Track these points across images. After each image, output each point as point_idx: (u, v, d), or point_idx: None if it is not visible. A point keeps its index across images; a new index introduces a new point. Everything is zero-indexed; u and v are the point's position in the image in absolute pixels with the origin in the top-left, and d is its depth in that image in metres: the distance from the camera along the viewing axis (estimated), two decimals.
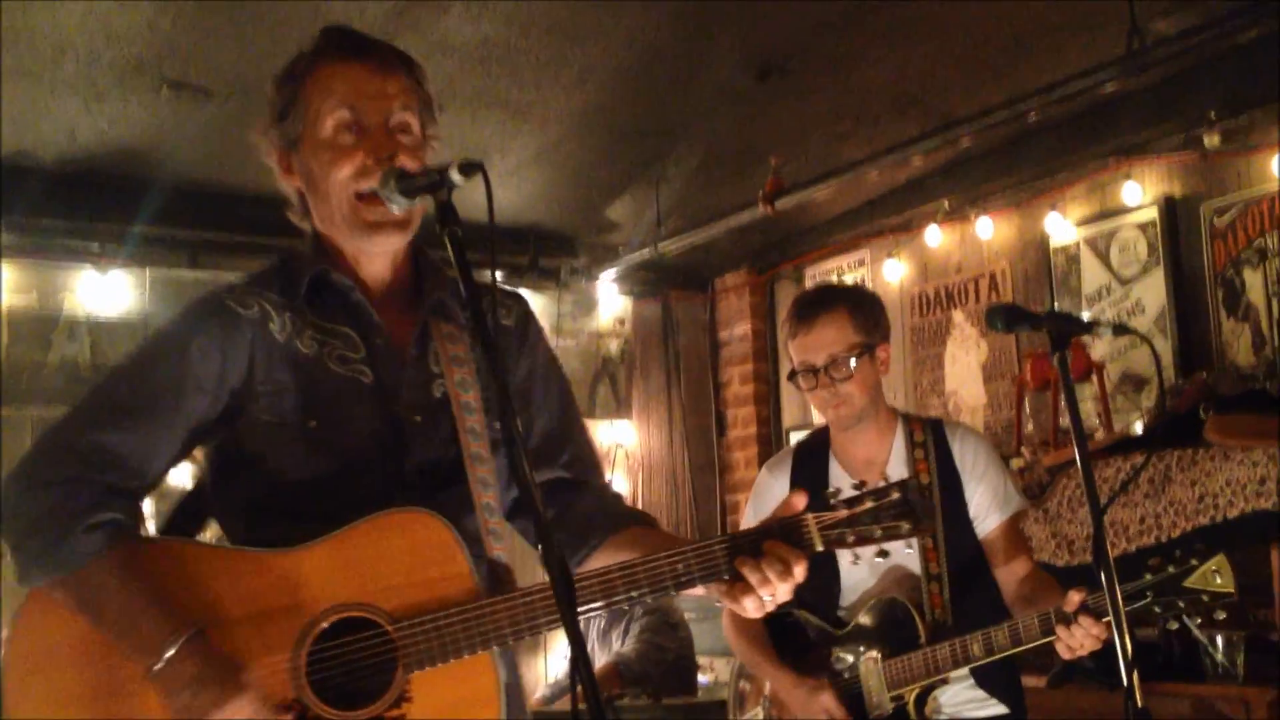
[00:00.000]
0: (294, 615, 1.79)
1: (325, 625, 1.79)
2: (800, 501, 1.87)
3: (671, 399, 7.27)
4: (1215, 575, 2.53)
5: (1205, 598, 2.54)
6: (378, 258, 2.01)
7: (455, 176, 1.70)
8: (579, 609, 1.74)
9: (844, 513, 1.88)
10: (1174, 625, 2.63)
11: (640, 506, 6.99)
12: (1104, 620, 2.64)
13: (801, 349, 3.16)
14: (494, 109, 4.79)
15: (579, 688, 1.54)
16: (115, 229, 5.47)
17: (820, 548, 1.86)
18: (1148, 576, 2.61)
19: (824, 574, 3.19)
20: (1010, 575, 3.07)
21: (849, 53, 4.44)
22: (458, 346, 2.02)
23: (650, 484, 7.11)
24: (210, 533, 2.17)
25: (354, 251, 2.00)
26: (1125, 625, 2.22)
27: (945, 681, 2.99)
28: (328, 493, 1.88)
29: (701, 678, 5.86)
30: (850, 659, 3.08)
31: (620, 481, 6.98)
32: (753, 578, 1.81)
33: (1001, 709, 3.04)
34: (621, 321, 7.15)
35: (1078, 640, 2.70)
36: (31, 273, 5.55)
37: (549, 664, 6.57)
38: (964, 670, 2.97)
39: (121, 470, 1.85)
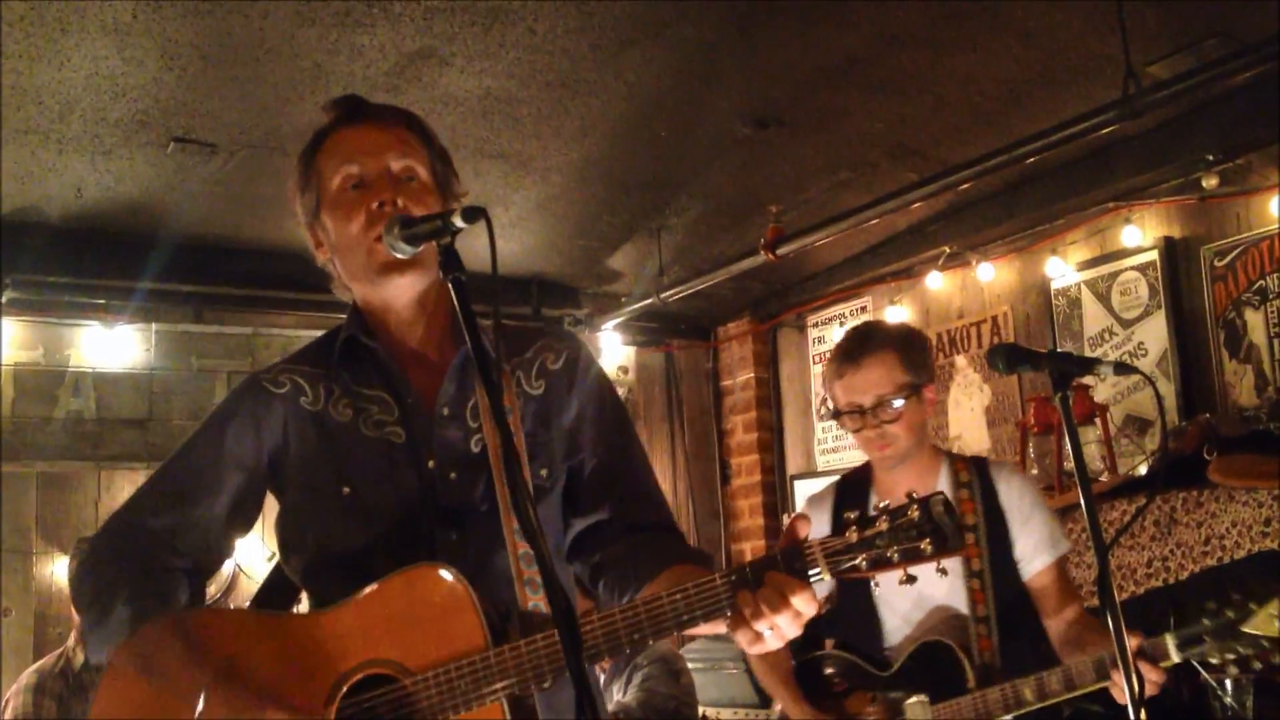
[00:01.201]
0: (323, 674, 1.85)
1: (352, 682, 1.85)
2: (803, 528, 1.76)
3: (675, 447, 7.27)
4: (1276, 619, 2.39)
5: (1265, 643, 2.39)
6: (404, 310, 2.04)
7: (458, 221, 1.72)
8: (583, 651, 1.67)
9: (854, 536, 1.72)
10: (1234, 673, 2.45)
11: None
12: (1161, 665, 2.59)
13: (848, 389, 3.13)
14: (496, 161, 4.83)
15: None
16: (121, 284, 5.50)
17: (828, 576, 1.73)
18: (1205, 622, 2.51)
19: (863, 612, 3.18)
20: (1059, 619, 3.03)
21: (847, 103, 4.48)
22: (503, 395, 2.01)
23: None
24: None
25: (383, 307, 2.05)
26: (1133, 666, 2.22)
27: None
28: (368, 554, 1.94)
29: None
30: (895, 701, 3.01)
31: None
32: (747, 610, 1.74)
33: None
34: (625, 370, 7.16)
35: (1117, 680, 2.61)
36: (37, 328, 5.58)
37: None
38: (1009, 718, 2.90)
39: (169, 550, 2.01)
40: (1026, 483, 3.15)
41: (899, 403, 3.06)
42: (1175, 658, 2.56)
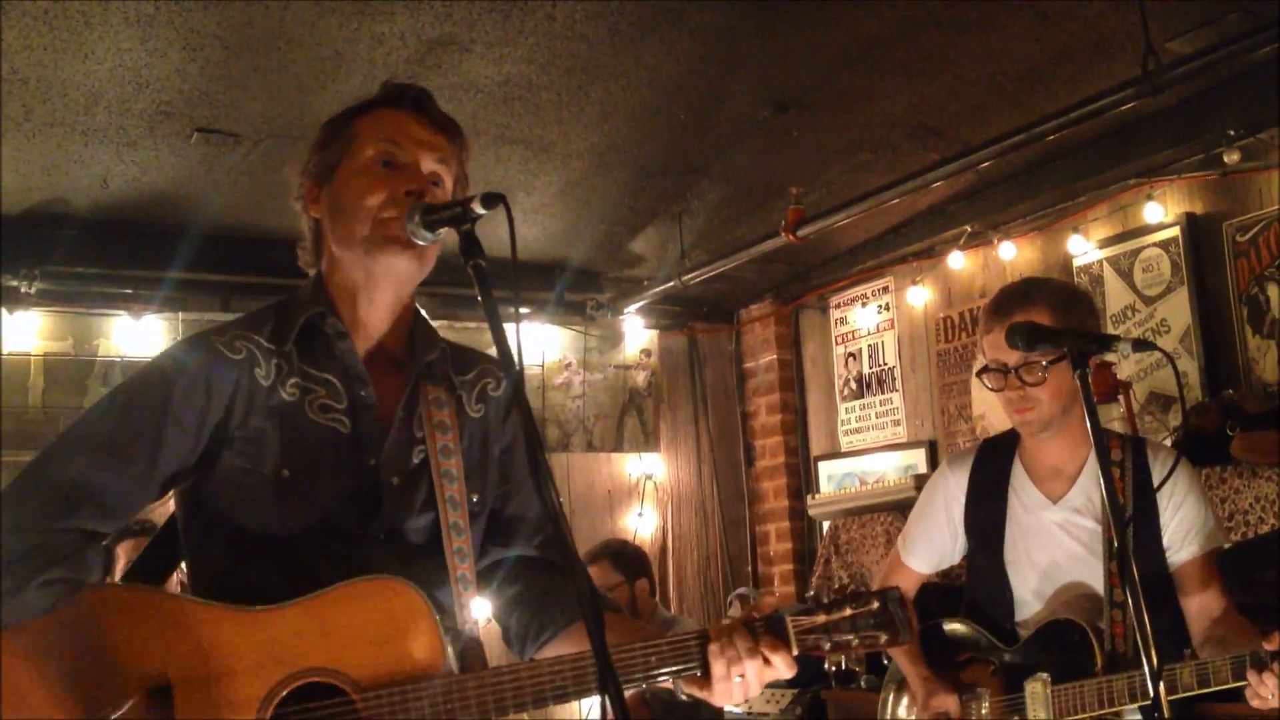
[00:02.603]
0: (262, 675, 1.77)
1: (291, 689, 1.77)
2: (768, 603, 1.88)
3: (699, 430, 7.29)
4: None
5: None
6: (380, 297, 2.01)
7: (478, 208, 1.74)
8: (547, 696, 1.78)
9: (820, 618, 1.88)
10: None
11: (670, 539, 7.02)
12: None
13: (993, 346, 2.92)
14: (517, 147, 4.85)
15: None
16: (148, 275, 5.56)
17: (795, 651, 1.87)
18: None
19: (994, 582, 3.09)
20: (1202, 613, 2.87)
21: (867, 85, 4.48)
22: (444, 413, 2.01)
23: (680, 516, 7.12)
24: (177, 578, 2.19)
25: (358, 290, 2.01)
26: (1151, 641, 2.22)
27: (1118, 715, 2.78)
28: (298, 544, 1.89)
29: (735, 709, 5.84)
30: (1016, 677, 2.92)
31: (649, 513, 7.00)
32: (723, 658, 1.84)
33: None
34: (648, 354, 7.19)
35: (1270, 689, 2.51)
36: (66, 320, 5.64)
37: (582, 701, 6.56)
38: (1134, 710, 2.78)
39: (95, 509, 1.85)
40: (1185, 467, 2.94)
41: (1046, 364, 2.83)
42: None
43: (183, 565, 2.08)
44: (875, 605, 1.88)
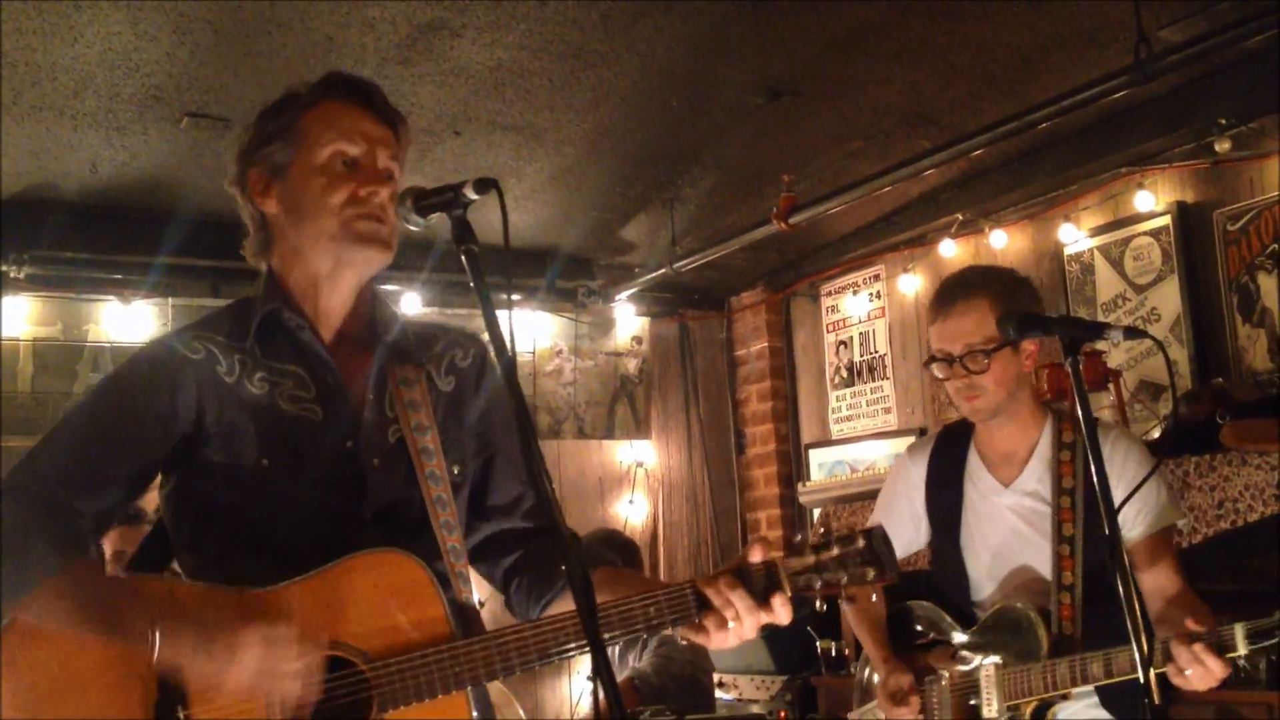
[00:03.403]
0: None
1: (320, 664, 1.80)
2: (758, 553, 1.89)
3: (690, 418, 7.29)
4: None
5: None
6: (340, 293, 2.05)
7: (470, 193, 1.75)
8: (551, 652, 1.83)
9: (810, 559, 1.91)
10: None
11: (661, 526, 7.03)
12: (1227, 656, 2.50)
13: (938, 336, 2.98)
14: (508, 133, 4.84)
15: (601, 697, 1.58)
16: (138, 260, 5.55)
17: (789, 594, 1.88)
18: (1277, 615, 2.46)
19: (952, 566, 3.14)
20: (1156, 592, 2.87)
21: (858, 72, 4.48)
22: (414, 390, 2.04)
23: (670, 503, 7.13)
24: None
25: (320, 281, 2.04)
26: (1141, 626, 2.23)
27: (1067, 698, 2.84)
28: (287, 531, 1.92)
29: (725, 695, 5.86)
30: (974, 660, 2.99)
31: (640, 501, 7.01)
32: (717, 601, 1.85)
33: None
34: (639, 341, 7.18)
35: (1183, 664, 2.55)
36: (55, 304, 5.63)
37: (572, 685, 6.58)
38: (1089, 691, 2.83)
39: (81, 499, 1.90)
40: (1134, 447, 2.98)
41: (990, 353, 2.88)
42: (1243, 649, 2.49)
43: (175, 565, 2.10)
44: (862, 543, 1.91)
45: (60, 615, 1.80)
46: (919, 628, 3.20)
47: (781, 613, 1.87)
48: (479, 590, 2.14)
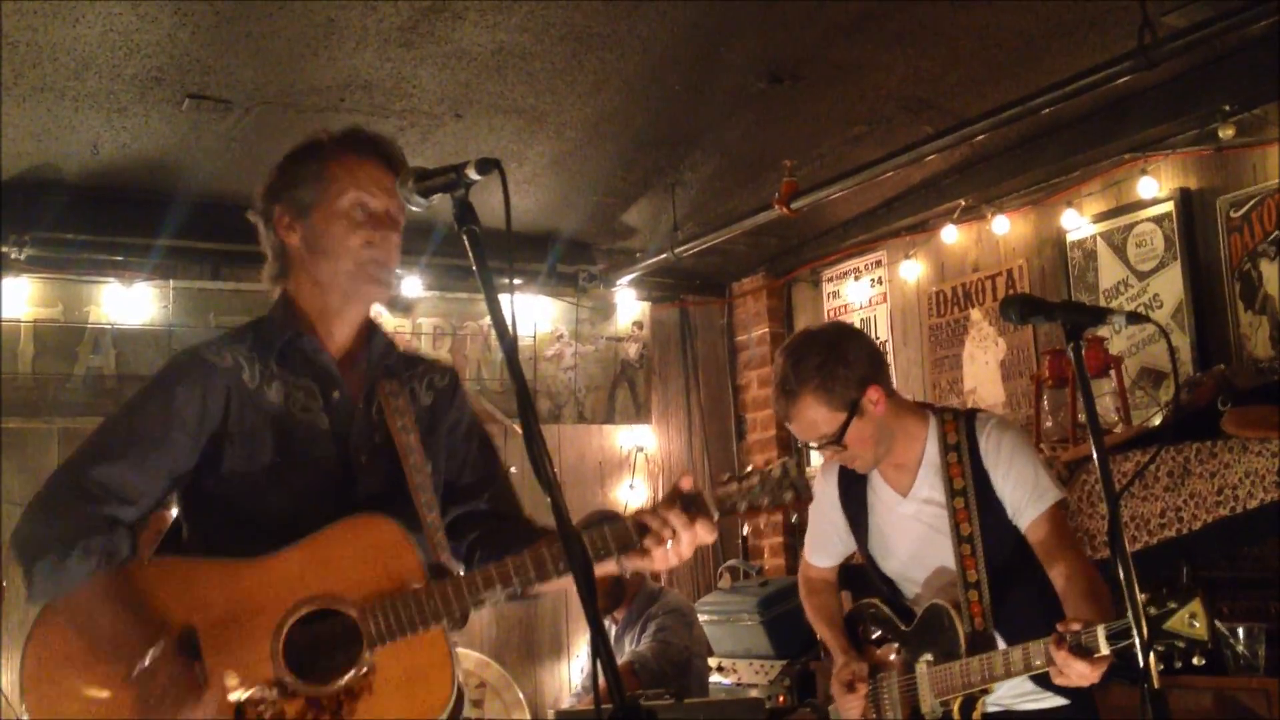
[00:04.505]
0: (272, 610, 2.14)
1: (299, 615, 2.14)
2: (687, 482, 2.18)
3: (690, 403, 7.30)
4: (1192, 620, 2.44)
5: (1180, 643, 2.45)
6: (349, 318, 2.38)
7: (472, 174, 1.77)
8: (509, 583, 2.14)
9: (734, 487, 2.19)
10: (1160, 668, 2.52)
11: None
12: (1094, 657, 2.57)
13: (796, 432, 3.15)
14: (510, 116, 4.83)
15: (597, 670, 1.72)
16: (138, 241, 5.55)
17: (716, 514, 2.16)
18: (1129, 616, 2.48)
19: (876, 574, 3.29)
20: (1056, 574, 2.92)
21: (861, 57, 4.47)
22: (399, 400, 2.38)
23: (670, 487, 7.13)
24: None
25: (332, 311, 2.36)
26: (1141, 612, 2.24)
27: (989, 691, 2.94)
28: (294, 518, 2.21)
29: (723, 679, 5.87)
30: (912, 657, 3.11)
31: (640, 486, 7.01)
32: (654, 523, 2.14)
33: (1059, 701, 2.96)
34: (639, 326, 7.18)
35: (1057, 665, 2.62)
36: (56, 286, 5.63)
37: (571, 668, 6.60)
38: (1017, 682, 2.92)
39: (117, 501, 2.18)
40: (1005, 433, 3.07)
41: (841, 437, 3.04)
42: (1105, 649, 2.56)
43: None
44: (778, 472, 2.18)
45: (74, 621, 2.14)
46: (873, 626, 3.31)
47: (705, 534, 2.15)
48: None
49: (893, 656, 3.19)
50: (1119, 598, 2.33)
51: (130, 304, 5.70)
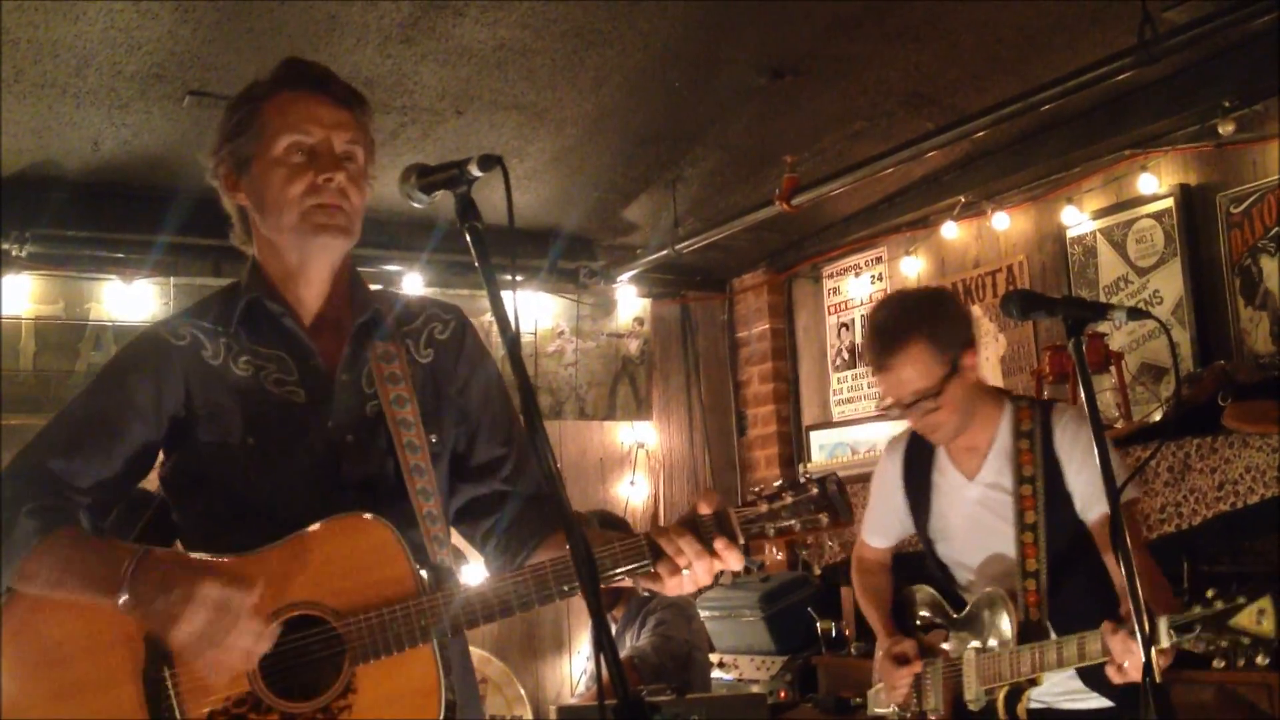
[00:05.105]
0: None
1: (278, 623, 1.91)
2: (707, 504, 1.95)
3: (691, 399, 7.30)
4: (1260, 617, 2.40)
5: (1245, 639, 2.42)
6: (315, 274, 2.13)
7: (475, 170, 1.76)
8: (508, 608, 1.92)
9: (763, 508, 1.96)
10: (1219, 664, 2.46)
11: (661, 507, 7.04)
12: (1157, 650, 2.48)
13: (884, 388, 3.06)
14: (510, 112, 4.83)
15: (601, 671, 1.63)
16: (139, 238, 5.54)
17: (742, 541, 1.94)
18: (1196, 609, 2.50)
19: (932, 558, 3.27)
20: (1117, 570, 2.84)
21: (861, 52, 4.47)
22: (393, 365, 2.13)
23: (671, 484, 7.14)
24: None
25: (294, 269, 2.13)
26: (1143, 606, 2.25)
27: (1036, 683, 2.93)
28: (271, 507, 2.01)
29: (725, 674, 5.88)
30: (960, 643, 3.09)
31: (641, 481, 7.02)
32: (668, 548, 1.92)
33: (1103, 702, 2.94)
34: (640, 322, 7.18)
35: (1113, 652, 2.60)
36: (57, 282, 5.63)
37: (573, 664, 6.60)
38: (1060, 672, 2.90)
39: (74, 492, 2.01)
40: (1084, 426, 2.97)
41: (938, 394, 2.98)
42: (1165, 642, 2.53)
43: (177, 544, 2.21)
44: (815, 491, 1.96)
45: (46, 579, 1.92)
46: (922, 612, 3.29)
47: (730, 558, 1.92)
48: None
49: (942, 644, 3.17)
50: (1127, 595, 2.32)
51: (131, 301, 5.69)
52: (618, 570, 1.95)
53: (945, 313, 3.07)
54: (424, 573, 1.97)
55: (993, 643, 2.99)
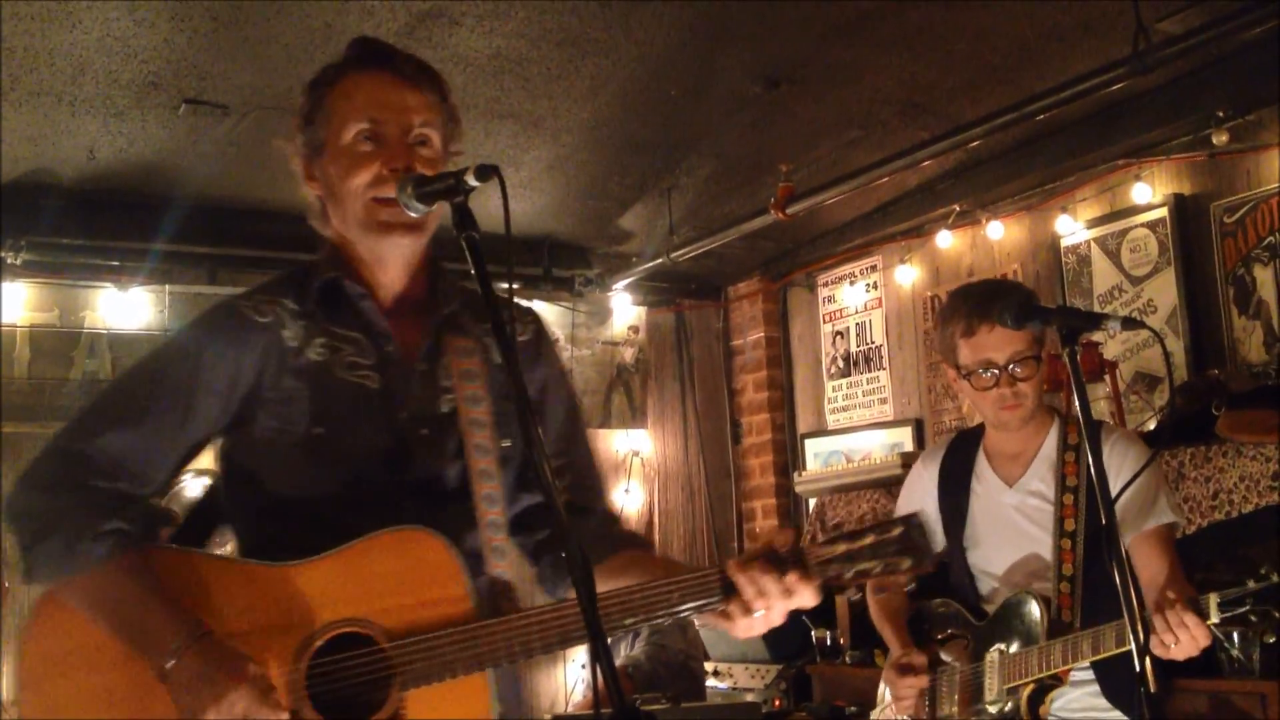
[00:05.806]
0: (294, 629, 1.82)
1: (324, 640, 1.82)
2: (784, 538, 1.86)
3: (686, 407, 7.30)
4: None
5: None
6: (392, 266, 2.02)
7: (471, 180, 1.74)
8: (573, 636, 1.80)
9: (842, 548, 1.87)
10: (1270, 638, 2.48)
11: (656, 515, 7.03)
12: (1207, 622, 2.56)
13: (979, 347, 3.01)
14: (506, 121, 4.84)
15: (599, 682, 1.57)
16: (135, 246, 5.53)
17: (819, 578, 1.85)
18: (1250, 583, 2.49)
19: (962, 566, 3.24)
20: (1150, 585, 2.91)
21: (857, 60, 4.48)
22: (471, 360, 2.02)
23: (666, 492, 7.14)
24: (217, 540, 2.21)
25: (370, 258, 2.02)
26: (1137, 612, 2.25)
27: (1060, 682, 2.94)
28: (333, 500, 1.91)
29: (720, 683, 5.88)
30: (983, 652, 3.08)
31: (636, 489, 7.01)
32: (749, 589, 1.82)
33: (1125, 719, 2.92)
34: (635, 330, 7.18)
35: (1162, 631, 2.61)
36: (52, 290, 5.62)
37: (568, 673, 6.59)
38: (1089, 675, 2.92)
39: (129, 475, 1.89)
40: (1133, 447, 3.04)
41: (1038, 357, 3.00)
42: (1215, 616, 2.55)
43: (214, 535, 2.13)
44: (897, 531, 1.87)
45: (92, 608, 1.83)
46: (941, 624, 3.28)
47: (807, 599, 1.83)
48: None
49: (960, 653, 3.17)
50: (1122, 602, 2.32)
51: (127, 308, 5.68)
52: (684, 607, 1.84)
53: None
54: (479, 584, 1.87)
55: (1017, 646, 2.99)
